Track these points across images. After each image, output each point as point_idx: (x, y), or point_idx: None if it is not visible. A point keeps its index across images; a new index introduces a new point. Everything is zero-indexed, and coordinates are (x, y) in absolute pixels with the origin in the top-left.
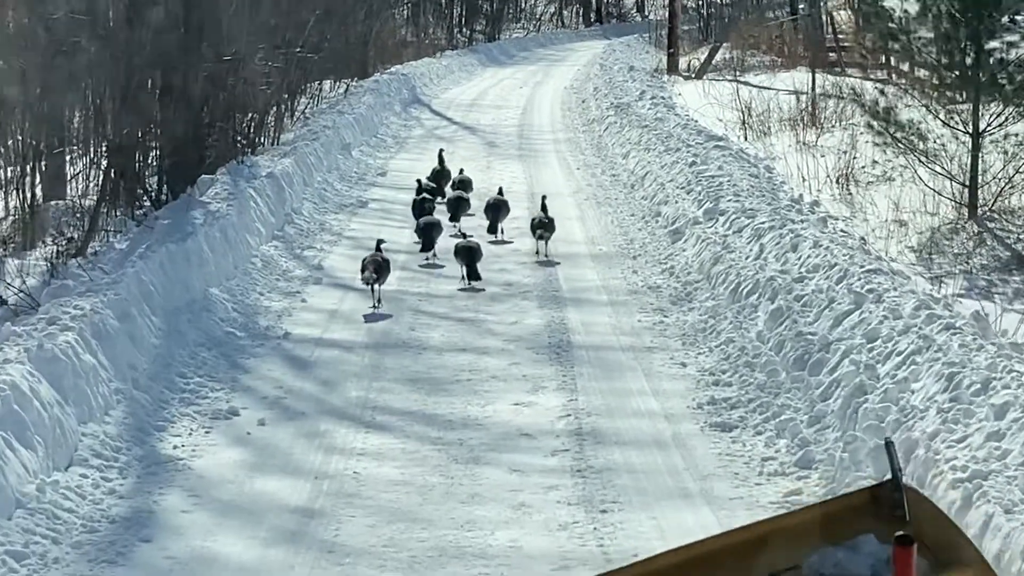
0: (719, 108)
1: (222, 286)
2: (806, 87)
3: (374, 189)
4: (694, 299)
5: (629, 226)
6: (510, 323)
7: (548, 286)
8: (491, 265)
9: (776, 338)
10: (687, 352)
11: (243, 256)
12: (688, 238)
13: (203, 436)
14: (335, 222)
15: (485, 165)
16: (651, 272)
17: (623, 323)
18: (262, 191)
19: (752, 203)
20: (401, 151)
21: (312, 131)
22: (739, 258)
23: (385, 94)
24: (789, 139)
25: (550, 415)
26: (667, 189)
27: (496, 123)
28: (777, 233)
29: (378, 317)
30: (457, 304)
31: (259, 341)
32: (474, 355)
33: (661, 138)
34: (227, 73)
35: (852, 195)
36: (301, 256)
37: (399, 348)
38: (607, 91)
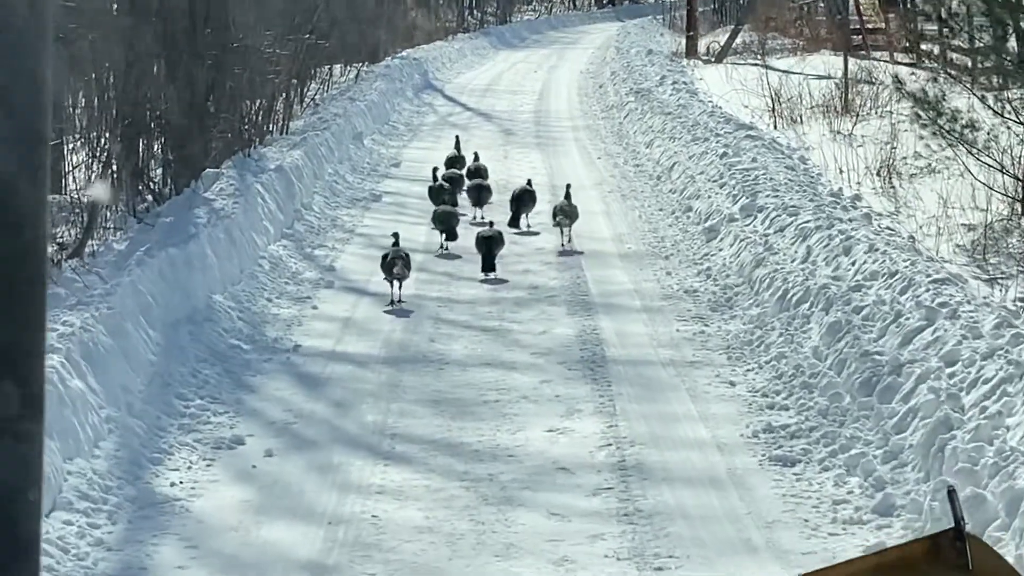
0: (744, 94)
1: (227, 292)
2: (834, 72)
3: (387, 181)
4: (736, 306)
5: (658, 222)
6: (538, 333)
7: (576, 290)
8: (514, 265)
9: (836, 356)
10: (734, 368)
11: (250, 258)
12: (724, 236)
13: (204, 470)
14: (347, 218)
15: (502, 154)
16: (686, 274)
17: (660, 333)
18: (270, 186)
19: (793, 199)
20: (415, 139)
21: (322, 119)
22: (784, 261)
23: (397, 79)
24: (822, 128)
25: (588, 444)
26: (698, 182)
27: (512, 109)
28: (825, 234)
29: (396, 321)
30: (480, 311)
31: (266, 355)
32: (501, 371)
33: (687, 126)
34: (233, 61)
35: (895, 189)
36: (312, 256)
37: (419, 363)
38: (625, 76)
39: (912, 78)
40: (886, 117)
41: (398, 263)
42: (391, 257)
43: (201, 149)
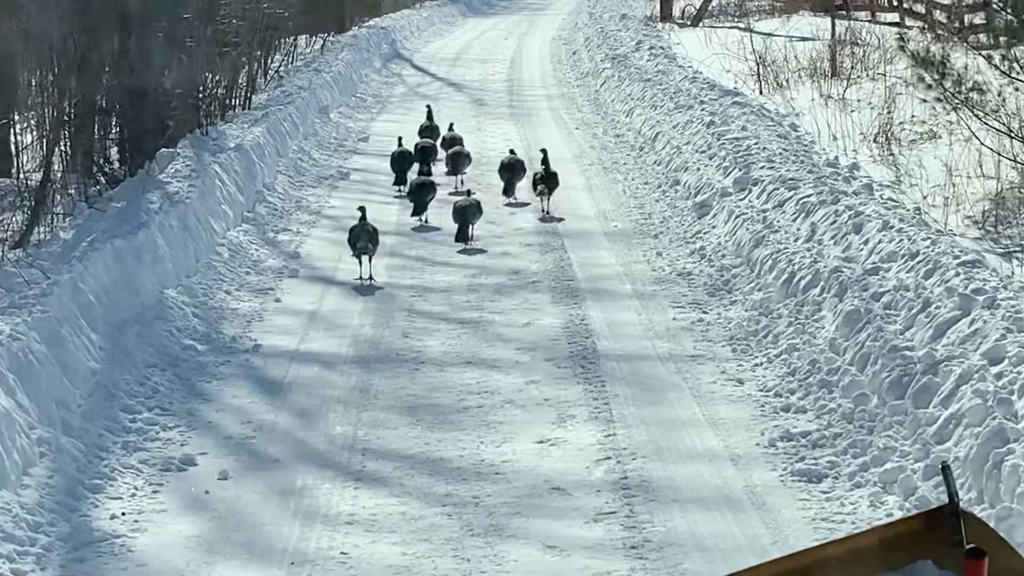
0: (725, 58)
1: (181, 286)
2: (818, 34)
3: (355, 157)
4: (735, 289)
5: (644, 197)
6: (522, 325)
7: (561, 274)
8: (492, 247)
9: (857, 350)
10: (740, 363)
11: (207, 246)
12: (717, 212)
13: (150, 498)
14: (313, 198)
15: (475, 126)
16: (678, 254)
17: (655, 322)
18: (229, 166)
19: (790, 171)
20: (383, 112)
21: (286, 92)
22: (786, 240)
23: (364, 49)
24: (810, 92)
25: (585, 458)
26: (684, 153)
27: (483, 78)
28: (831, 210)
29: (366, 314)
30: (457, 300)
31: (223, 357)
32: (482, 370)
33: (668, 93)
34: (186, 32)
35: (894, 156)
36: (274, 242)
37: (391, 362)
38: (599, 41)
39: (906, 38)
40: (879, 80)
41: (363, 237)
42: (357, 232)
43: (156, 127)
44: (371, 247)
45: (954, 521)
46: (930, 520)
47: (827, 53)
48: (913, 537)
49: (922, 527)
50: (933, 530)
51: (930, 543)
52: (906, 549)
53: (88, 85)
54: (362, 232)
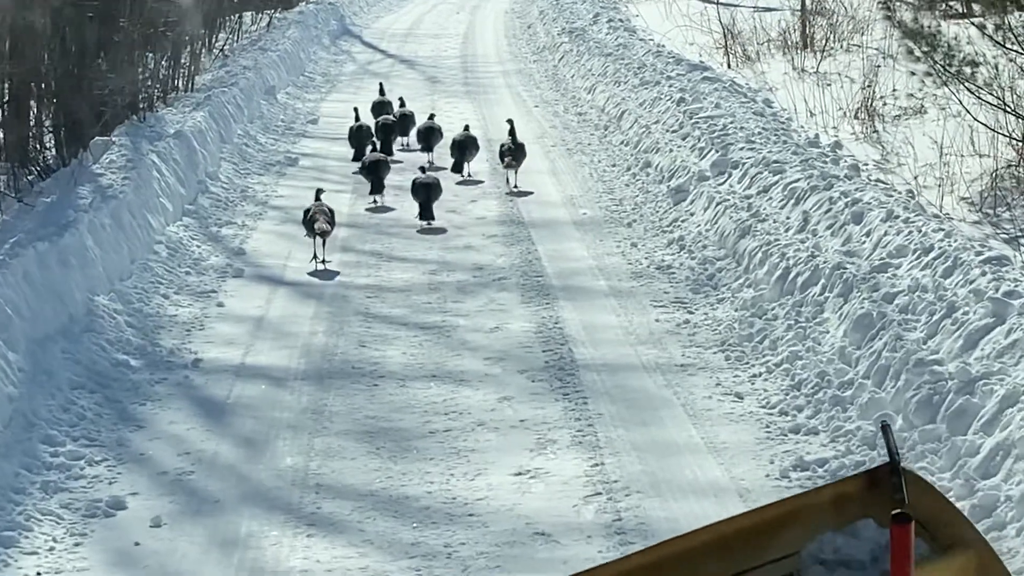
0: (688, 30)
1: (113, 292)
2: (785, 4)
3: (304, 141)
4: (721, 285)
5: (613, 181)
6: (490, 330)
7: (529, 269)
8: (453, 240)
9: (872, 361)
10: (736, 373)
11: (143, 245)
12: (695, 198)
13: (71, 552)
14: (259, 187)
15: (429, 104)
16: (655, 245)
17: (637, 324)
18: (168, 155)
19: (773, 152)
20: (333, 91)
21: (231, 72)
22: (776, 230)
23: (312, 26)
24: (782, 65)
25: (571, 494)
26: (654, 133)
27: (436, 54)
28: (824, 196)
29: (319, 319)
30: (417, 301)
31: (160, 374)
32: (449, 385)
33: (632, 69)
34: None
35: (878, 134)
36: (218, 237)
37: (347, 377)
38: (555, 15)
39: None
40: (854, 52)
41: (320, 218)
42: (312, 212)
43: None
44: (328, 228)
45: (895, 480)
46: (872, 479)
47: (797, 24)
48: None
49: (864, 486)
50: (875, 489)
51: (872, 502)
52: (849, 509)
53: (19, 68)
54: (318, 212)
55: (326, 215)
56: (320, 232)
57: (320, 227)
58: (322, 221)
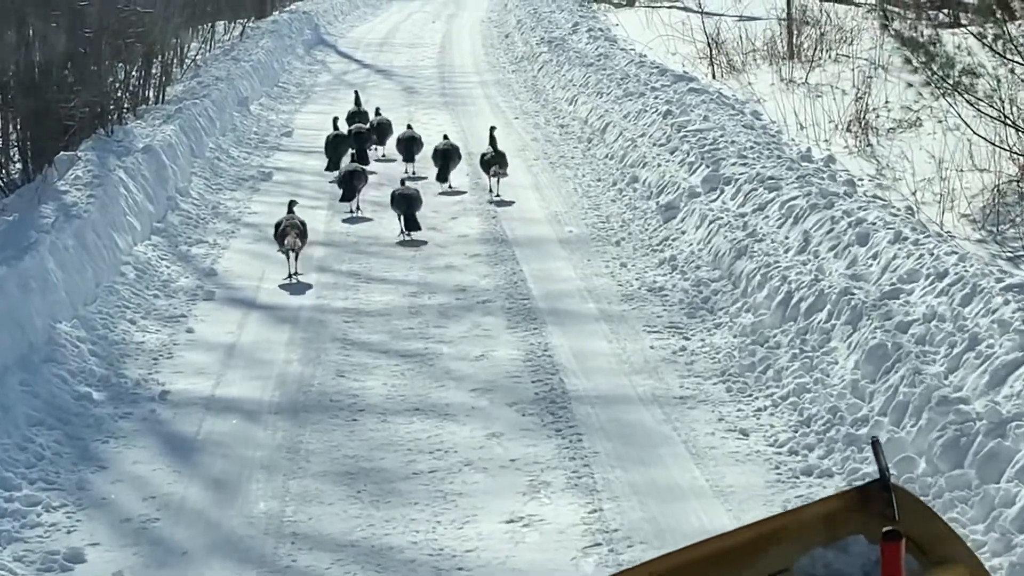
0: (670, 40)
1: (76, 318)
2: (768, 13)
3: (278, 155)
4: (718, 309)
5: (599, 196)
6: (475, 358)
7: (514, 291)
8: (434, 259)
9: (888, 396)
10: (739, 407)
11: (109, 266)
12: (686, 216)
13: None
14: (231, 203)
15: (406, 116)
16: (645, 265)
17: (630, 352)
18: (136, 171)
19: (767, 168)
20: (308, 102)
21: (203, 84)
22: (775, 251)
23: (286, 35)
24: (769, 76)
25: (568, 545)
26: (640, 146)
27: (412, 64)
28: (825, 216)
29: (294, 345)
30: (398, 327)
31: (124, 408)
32: (433, 420)
33: (615, 80)
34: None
35: (872, 147)
36: (188, 257)
37: (325, 411)
38: (533, 24)
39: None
40: (843, 62)
41: (291, 233)
42: (284, 226)
43: (55, 128)
44: (299, 242)
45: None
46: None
47: (782, 33)
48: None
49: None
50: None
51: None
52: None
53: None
54: (289, 227)
55: (298, 228)
56: (290, 247)
57: (290, 242)
58: (292, 235)
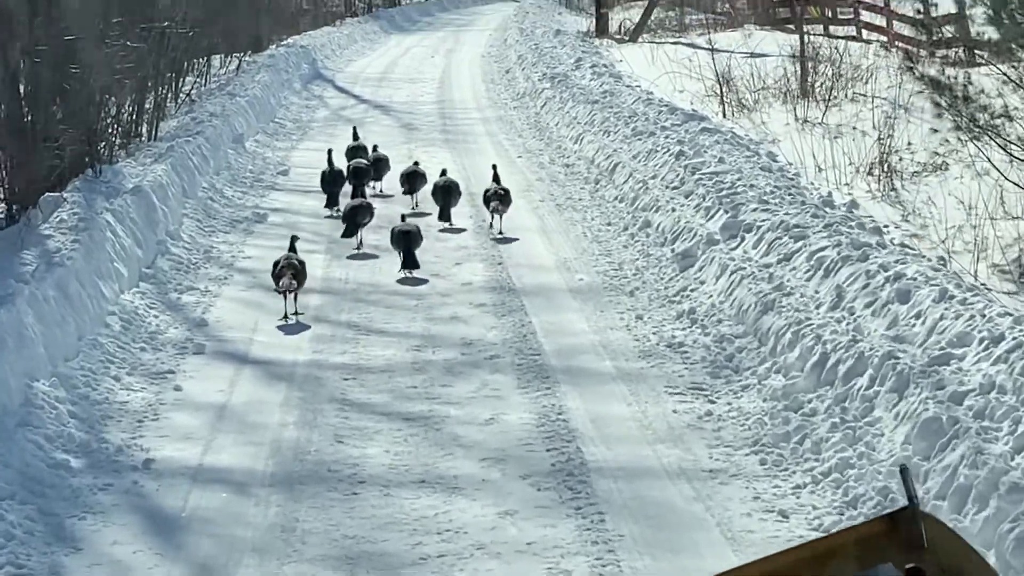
0: (676, 77)
1: (55, 376)
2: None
3: (274, 194)
4: (744, 369)
5: (610, 242)
6: (484, 422)
7: (524, 345)
8: (437, 310)
9: (946, 476)
10: (776, 483)
11: (92, 317)
12: (704, 265)
13: None
14: (224, 247)
15: (406, 153)
16: (662, 318)
17: (652, 416)
18: (124, 214)
19: (791, 214)
20: (304, 139)
21: (197, 120)
22: (805, 306)
23: (283, 70)
24: (783, 115)
25: None
26: (652, 189)
27: (412, 100)
28: (860, 269)
29: (289, 406)
30: (400, 385)
31: (104, 478)
32: (440, 494)
33: (622, 118)
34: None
35: (896, 192)
36: (178, 305)
37: (322, 483)
38: (535, 59)
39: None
40: (859, 101)
41: (286, 274)
42: (281, 266)
43: (42, 166)
44: (293, 284)
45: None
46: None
47: (795, 71)
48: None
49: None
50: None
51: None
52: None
53: None
54: (286, 267)
55: (295, 268)
56: (284, 288)
57: (284, 283)
58: (287, 277)
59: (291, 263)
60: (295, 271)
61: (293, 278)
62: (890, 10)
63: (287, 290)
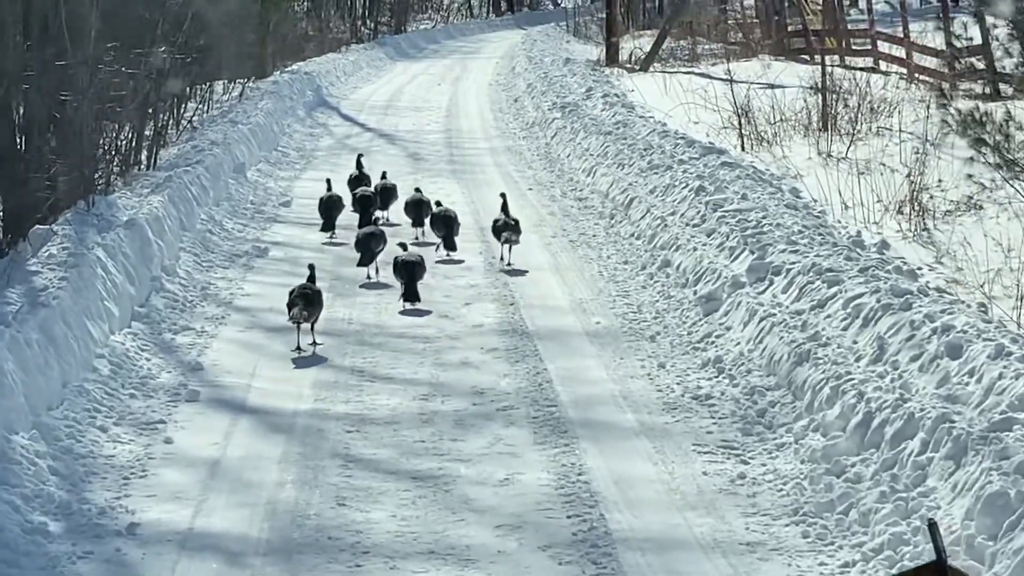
0: (691, 108)
1: (36, 428)
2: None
3: (275, 227)
4: (777, 425)
5: (627, 282)
6: (498, 482)
7: (539, 395)
8: (446, 354)
9: (1017, 561)
10: (822, 558)
11: (79, 361)
12: (730, 309)
13: None
14: (223, 284)
15: (412, 184)
16: (687, 366)
17: (680, 478)
18: (117, 248)
19: (821, 256)
20: (308, 168)
21: (198, 148)
22: (844, 359)
23: (287, 96)
24: (804, 149)
25: None
26: (671, 226)
27: (418, 129)
28: (904, 319)
29: (288, 462)
30: (407, 439)
31: (85, 545)
32: (452, 568)
33: (637, 150)
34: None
35: (929, 232)
36: (171, 347)
37: (322, 552)
38: (544, 88)
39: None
40: (884, 136)
41: (298, 304)
42: (294, 295)
43: (33, 198)
44: (303, 315)
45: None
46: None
47: (816, 103)
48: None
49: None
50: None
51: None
52: None
53: None
54: (299, 297)
55: (306, 299)
56: (295, 319)
57: (295, 314)
58: (299, 308)
59: (304, 293)
60: (307, 300)
61: (305, 308)
62: (910, 41)
63: (298, 320)
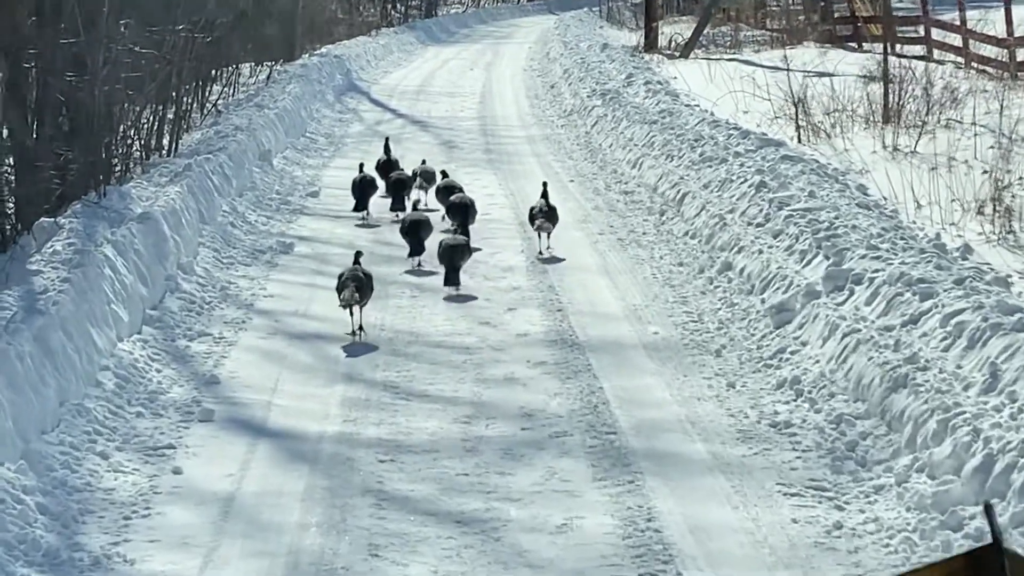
0: (740, 96)
1: (25, 457)
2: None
3: (302, 220)
4: (873, 462)
5: (684, 286)
6: (555, 529)
7: (595, 419)
8: (489, 368)
9: None
10: None
11: (80, 375)
12: (805, 322)
13: None
14: (244, 282)
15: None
16: (759, 386)
17: (766, 527)
18: (128, 246)
19: (909, 265)
20: (337, 155)
21: (221, 133)
22: (950, 386)
23: (315, 80)
24: (868, 142)
25: None
26: (731, 225)
27: (451, 115)
28: (1019, 342)
29: (313, 500)
30: (448, 472)
31: None
32: None
33: (686, 141)
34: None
35: (1015, 235)
36: (185, 356)
37: None
38: (582, 74)
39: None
40: (954, 128)
41: (349, 286)
42: (344, 278)
43: (41, 187)
44: (355, 298)
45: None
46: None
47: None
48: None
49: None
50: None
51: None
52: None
53: None
54: (349, 280)
55: (359, 280)
56: (346, 302)
57: (347, 296)
58: (350, 289)
59: (355, 275)
60: (359, 284)
61: (356, 291)
62: (967, 29)
63: (349, 304)
